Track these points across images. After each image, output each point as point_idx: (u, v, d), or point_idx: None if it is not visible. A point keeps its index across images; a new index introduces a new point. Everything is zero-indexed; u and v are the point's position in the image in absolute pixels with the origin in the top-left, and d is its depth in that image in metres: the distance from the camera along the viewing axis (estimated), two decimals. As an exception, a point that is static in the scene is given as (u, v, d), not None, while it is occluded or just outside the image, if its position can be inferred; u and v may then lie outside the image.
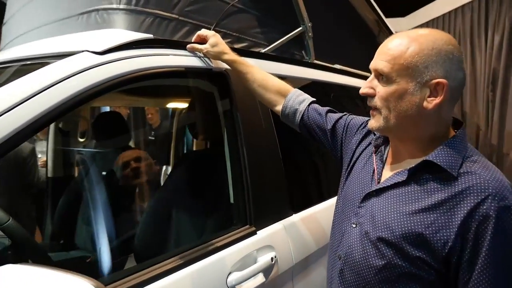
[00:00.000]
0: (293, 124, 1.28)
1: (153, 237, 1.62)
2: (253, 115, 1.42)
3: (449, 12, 5.20)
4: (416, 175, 0.87)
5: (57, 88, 0.91)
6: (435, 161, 0.84)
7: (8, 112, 0.82)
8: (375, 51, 0.92)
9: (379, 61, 0.87)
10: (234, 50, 1.35)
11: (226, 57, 1.29)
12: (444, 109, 0.85)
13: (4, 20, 1.91)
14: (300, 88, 1.73)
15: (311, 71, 1.95)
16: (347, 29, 2.63)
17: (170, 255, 1.09)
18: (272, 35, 1.86)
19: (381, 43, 2.79)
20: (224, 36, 1.58)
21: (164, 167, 3.23)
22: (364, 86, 0.91)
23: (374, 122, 0.91)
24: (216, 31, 1.55)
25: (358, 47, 2.79)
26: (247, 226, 1.30)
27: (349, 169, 1.09)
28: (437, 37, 0.84)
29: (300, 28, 1.97)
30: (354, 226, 0.95)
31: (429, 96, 0.83)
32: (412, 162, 0.88)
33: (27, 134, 0.85)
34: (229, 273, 1.15)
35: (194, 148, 2.60)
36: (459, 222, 0.78)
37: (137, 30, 1.29)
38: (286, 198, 1.46)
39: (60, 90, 0.91)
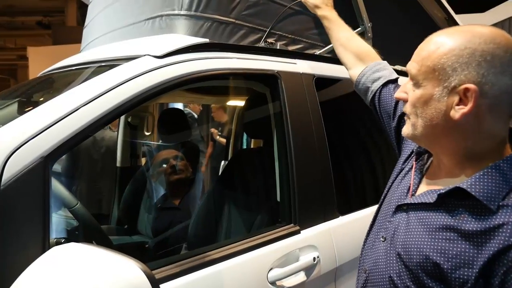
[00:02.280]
0: (365, 101, 1.21)
1: (204, 228, 1.72)
2: (302, 116, 1.44)
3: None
4: (447, 199, 0.77)
5: (122, 88, 1.02)
6: (469, 190, 0.72)
7: (84, 107, 0.95)
8: None
9: (411, 62, 0.80)
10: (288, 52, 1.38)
11: (319, 12, 1.36)
12: (486, 121, 0.72)
13: (85, 24, 2.13)
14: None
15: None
16: (412, 28, 2.53)
17: (216, 246, 1.17)
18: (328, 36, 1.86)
19: None
20: (279, 38, 1.63)
21: (223, 162, 3.37)
22: (399, 89, 0.85)
23: (405, 129, 0.84)
24: (272, 34, 1.60)
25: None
26: (291, 225, 1.33)
27: (395, 175, 0.99)
28: (476, 34, 0.72)
29: (359, 28, 1.95)
30: (382, 240, 0.89)
31: (457, 104, 0.72)
32: (449, 182, 0.78)
33: (98, 126, 0.97)
34: (270, 269, 1.19)
35: (251, 146, 2.68)
36: (485, 262, 0.68)
37: (196, 34, 1.37)
38: (333, 200, 1.47)
39: (125, 90, 1.02)
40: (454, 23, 2.76)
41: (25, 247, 0.80)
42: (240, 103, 2.53)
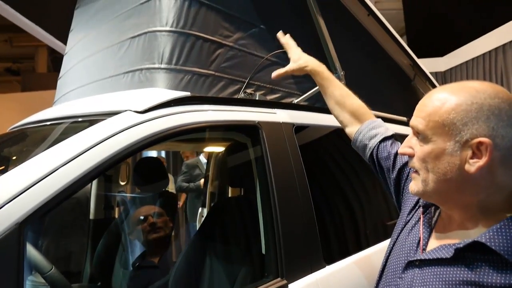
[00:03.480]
0: (364, 157, 1.22)
1: (186, 284, 1.64)
2: (284, 164, 1.44)
3: (490, 51, 5.13)
4: (465, 253, 0.75)
5: (104, 145, 0.99)
6: (489, 245, 0.71)
7: (63, 167, 0.91)
8: (411, 94, 0.88)
9: (415, 118, 0.81)
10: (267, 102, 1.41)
11: (307, 69, 1.32)
12: (498, 173, 0.73)
13: (60, 74, 2.10)
14: (333, 136, 1.77)
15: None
16: (381, 74, 2.66)
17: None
18: (305, 85, 1.91)
19: (417, 86, 2.78)
20: (258, 88, 1.66)
21: (200, 209, 3.30)
22: (402, 145, 0.85)
23: (414, 185, 0.83)
24: (250, 84, 1.63)
25: (393, 91, 2.80)
26: (279, 278, 1.29)
27: (400, 228, 0.98)
28: (480, 90, 0.75)
29: (333, 76, 2.02)
30: None
31: (471, 158, 0.73)
32: (462, 235, 0.79)
33: (78, 186, 0.93)
34: (259, 328, 1.14)
35: (229, 195, 2.64)
36: None
37: (177, 86, 1.38)
38: (318, 249, 1.45)
39: (106, 147, 0.99)
40: (418, 68, 2.91)
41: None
42: (217, 149, 2.52)
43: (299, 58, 1.33)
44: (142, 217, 1.96)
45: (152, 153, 4.11)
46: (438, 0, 6.31)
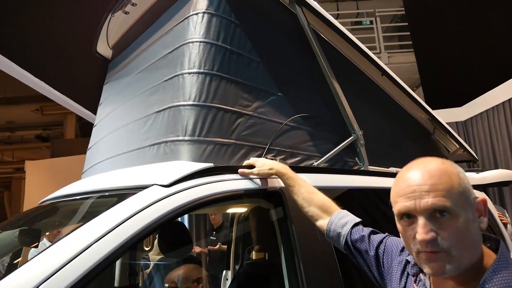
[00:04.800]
0: (339, 247, 1.27)
1: None
2: (308, 227, 1.44)
3: (509, 100, 5.11)
4: None
5: (132, 221, 1.03)
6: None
7: (94, 244, 0.94)
8: (432, 148, 0.91)
9: (431, 199, 0.80)
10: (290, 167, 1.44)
11: (273, 172, 1.39)
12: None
13: (89, 146, 2.21)
14: (356, 197, 1.76)
15: (365, 179, 1.97)
16: (400, 130, 2.68)
17: None
18: (325, 146, 1.95)
19: (438, 139, 2.80)
20: (278, 153, 1.71)
21: (224, 272, 3.24)
22: (422, 232, 0.80)
23: (442, 265, 0.80)
24: (271, 149, 1.68)
25: (414, 146, 2.81)
26: None
27: None
28: (446, 162, 0.86)
29: (352, 137, 2.05)
30: None
31: (479, 217, 0.83)
32: None
33: (109, 263, 0.95)
34: None
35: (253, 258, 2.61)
36: None
37: (200, 157, 1.43)
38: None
39: (135, 222, 1.03)
40: (437, 122, 2.92)
41: None
42: (241, 213, 2.53)
43: (263, 164, 1.41)
44: (173, 281, 1.95)
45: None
46: (451, 50, 6.43)
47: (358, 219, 1.27)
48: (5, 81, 8.48)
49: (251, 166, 1.42)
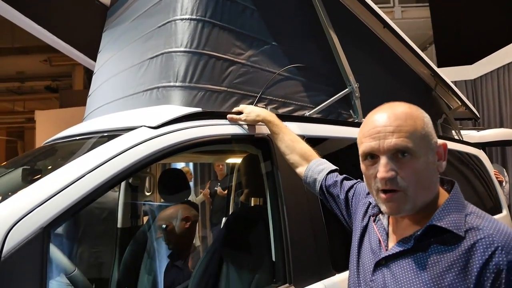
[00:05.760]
0: (315, 193, 1.33)
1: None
2: (294, 175, 1.50)
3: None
4: (422, 241, 0.85)
5: (119, 158, 1.10)
6: (440, 225, 0.83)
7: (83, 178, 1.01)
8: (433, 104, 0.95)
9: (394, 139, 0.84)
10: (278, 115, 1.48)
11: (259, 118, 1.43)
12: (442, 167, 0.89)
13: (89, 92, 2.26)
14: (346, 148, 1.81)
15: (356, 130, 1.99)
16: (399, 85, 2.67)
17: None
18: (319, 98, 1.97)
19: (439, 95, 2.85)
20: (270, 102, 1.74)
21: (224, 219, 3.39)
22: (383, 171, 0.84)
23: (398, 205, 0.85)
24: (263, 98, 1.71)
25: (413, 102, 2.80)
26: (287, 284, 1.34)
27: (358, 240, 1.05)
28: (417, 108, 0.90)
29: (347, 89, 2.07)
30: None
31: (438, 160, 0.88)
32: (416, 228, 0.87)
33: (96, 195, 1.03)
34: (266, 332, 1.19)
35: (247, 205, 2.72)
36: (474, 281, 0.77)
37: (191, 103, 1.47)
38: (327, 257, 1.49)
39: (122, 160, 1.10)
40: (439, 78, 2.90)
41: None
42: (230, 162, 2.61)
43: (250, 111, 1.45)
44: (167, 219, 2.07)
45: (180, 165, 4.27)
46: (466, 8, 6.19)
47: (334, 167, 1.32)
48: (13, 31, 8.46)
49: (240, 113, 1.46)
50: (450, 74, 5.57)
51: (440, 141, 0.89)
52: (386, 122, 0.87)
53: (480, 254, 0.78)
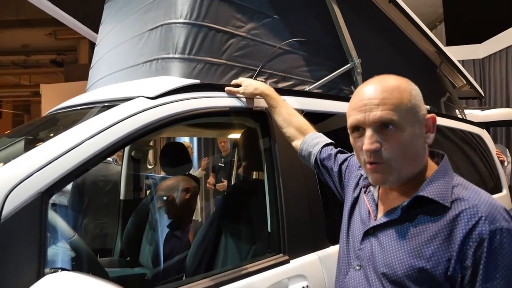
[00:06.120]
0: (310, 166, 1.35)
1: (202, 259, 1.77)
2: (290, 148, 1.51)
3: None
4: (409, 212, 0.88)
5: (116, 127, 1.11)
6: (426, 195, 0.85)
7: (81, 145, 1.04)
8: (437, 81, 0.94)
9: (379, 112, 0.85)
10: (277, 90, 1.48)
11: (257, 92, 1.44)
12: (431, 140, 0.90)
13: (91, 64, 2.27)
14: (343, 122, 1.81)
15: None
16: (403, 61, 2.64)
17: (207, 275, 1.22)
18: (320, 73, 1.96)
19: (444, 73, 2.83)
20: (269, 76, 1.73)
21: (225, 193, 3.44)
22: (368, 143, 0.86)
23: (382, 176, 0.88)
24: (262, 72, 1.70)
25: (417, 78, 2.77)
26: (281, 254, 1.38)
27: (349, 211, 1.08)
28: (407, 80, 0.91)
29: (349, 65, 2.05)
30: (358, 268, 0.96)
31: (426, 132, 0.89)
32: (404, 199, 0.90)
33: (93, 163, 1.05)
34: (259, 298, 1.23)
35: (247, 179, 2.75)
36: (456, 250, 0.79)
37: (190, 75, 1.48)
38: (322, 230, 1.52)
39: (119, 129, 1.11)
40: (444, 56, 2.86)
41: (21, 277, 0.87)
42: (229, 135, 2.63)
43: (249, 84, 1.45)
44: (168, 189, 2.11)
45: (181, 140, 4.30)
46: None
47: (329, 140, 1.33)
48: (18, 3, 8.40)
49: (238, 86, 1.46)
50: (459, 53, 5.48)
51: (429, 114, 0.90)
52: (372, 95, 0.87)
53: (464, 224, 0.79)
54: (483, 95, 3.37)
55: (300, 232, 1.45)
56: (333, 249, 1.53)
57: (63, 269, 1.10)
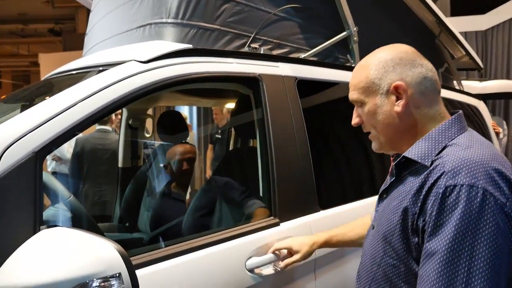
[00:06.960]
0: None
1: (197, 221, 1.82)
2: (283, 116, 1.53)
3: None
4: (401, 173, 0.94)
5: (108, 90, 1.12)
6: (408, 155, 0.90)
7: (72, 107, 1.05)
8: (435, 52, 0.96)
9: (350, 92, 1.00)
10: (271, 56, 1.47)
11: (316, 247, 1.34)
12: (420, 105, 0.91)
13: (87, 31, 2.25)
14: (337, 90, 1.82)
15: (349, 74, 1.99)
16: (401, 30, 2.61)
17: (199, 235, 1.27)
18: (315, 41, 1.94)
19: (442, 44, 2.81)
20: (264, 43, 1.73)
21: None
22: (352, 119, 1.02)
23: (373, 145, 1.02)
24: (257, 39, 1.70)
25: (415, 48, 2.75)
26: (271, 217, 1.42)
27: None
28: (382, 50, 0.96)
29: (345, 33, 2.03)
30: (372, 228, 1.03)
31: (396, 101, 0.92)
32: None
33: (85, 125, 1.08)
34: (249, 257, 1.28)
35: (244, 145, 2.78)
36: (419, 203, 0.82)
37: (183, 40, 1.48)
38: (313, 195, 1.56)
39: (110, 92, 1.13)
40: (444, 26, 2.82)
41: (17, 232, 0.90)
42: (221, 101, 2.64)
43: (301, 247, 1.31)
44: (163, 162, 2.15)
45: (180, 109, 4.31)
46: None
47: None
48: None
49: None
50: (462, 24, 5.39)
51: (396, 83, 0.91)
52: (354, 74, 1.00)
53: (431, 179, 0.82)
54: (482, 66, 3.34)
55: (291, 197, 1.48)
56: (324, 214, 1.57)
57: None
